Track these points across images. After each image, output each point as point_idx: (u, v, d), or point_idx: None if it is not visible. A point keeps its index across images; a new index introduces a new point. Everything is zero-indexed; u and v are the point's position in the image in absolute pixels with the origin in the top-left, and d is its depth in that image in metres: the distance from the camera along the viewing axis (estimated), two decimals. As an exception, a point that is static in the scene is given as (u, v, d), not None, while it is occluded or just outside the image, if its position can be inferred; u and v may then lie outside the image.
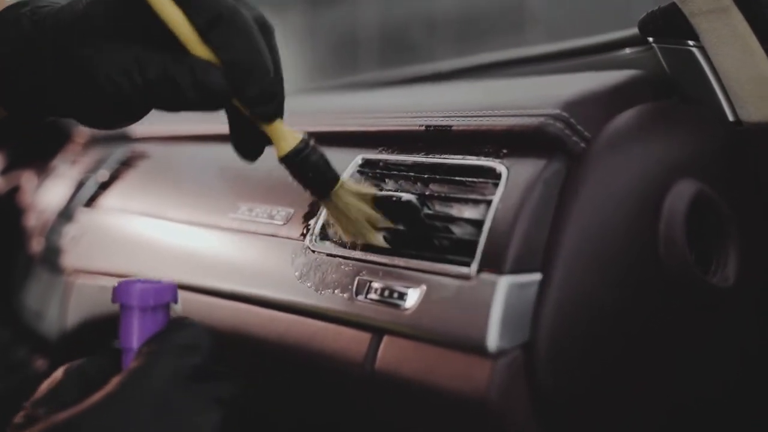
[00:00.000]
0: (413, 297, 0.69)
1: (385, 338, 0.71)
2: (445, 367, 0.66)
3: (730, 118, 0.80)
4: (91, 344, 1.10)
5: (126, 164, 1.20)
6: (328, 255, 0.78)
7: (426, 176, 0.77)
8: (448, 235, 0.72)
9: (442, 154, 0.78)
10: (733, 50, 0.78)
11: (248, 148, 0.67)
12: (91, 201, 1.20)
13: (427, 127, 0.79)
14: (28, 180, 1.50)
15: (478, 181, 0.73)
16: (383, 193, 0.76)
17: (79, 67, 0.61)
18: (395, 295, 0.71)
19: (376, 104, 1.03)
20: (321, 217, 0.81)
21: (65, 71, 0.62)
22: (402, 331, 0.70)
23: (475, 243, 0.68)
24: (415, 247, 0.73)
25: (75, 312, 1.12)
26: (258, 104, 0.62)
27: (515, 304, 0.65)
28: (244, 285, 0.84)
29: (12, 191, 1.51)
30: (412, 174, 0.78)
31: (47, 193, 1.38)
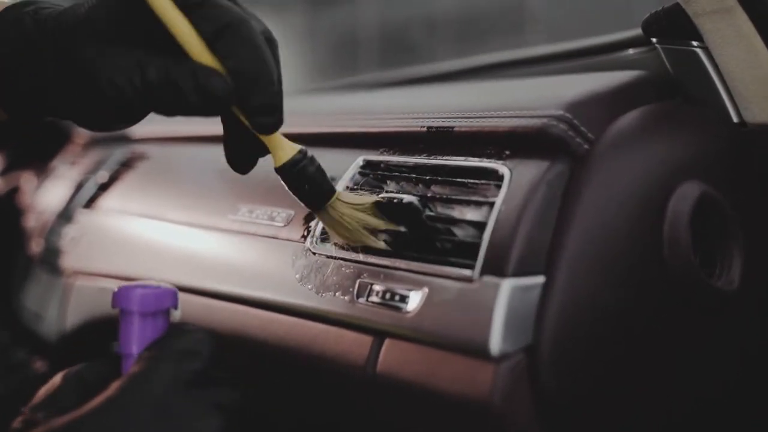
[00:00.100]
0: (415, 300, 0.69)
1: (387, 341, 0.71)
2: (447, 371, 0.66)
3: (735, 119, 0.80)
4: (91, 346, 1.10)
5: (126, 165, 1.20)
6: (329, 257, 0.77)
7: (428, 178, 0.77)
8: (450, 237, 0.71)
9: (443, 155, 0.77)
10: (738, 51, 0.77)
11: (241, 160, 0.67)
12: (90, 202, 1.20)
13: (429, 128, 0.79)
14: (27, 181, 1.50)
15: (481, 182, 0.73)
16: (385, 195, 0.75)
17: (81, 69, 0.61)
18: (397, 297, 0.70)
19: (377, 105, 1.02)
20: (322, 219, 0.80)
21: (66, 73, 0.62)
22: (404, 334, 0.69)
23: (478, 245, 0.68)
24: (417, 250, 0.72)
25: (74, 313, 1.12)
26: (260, 114, 0.62)
27: (518, 307, 0.65)
28: (244, 287, 0.84)
29: (11, 192, 1.50)
30: (413, 175, 0.78)
31: (47, 194, 1.38)
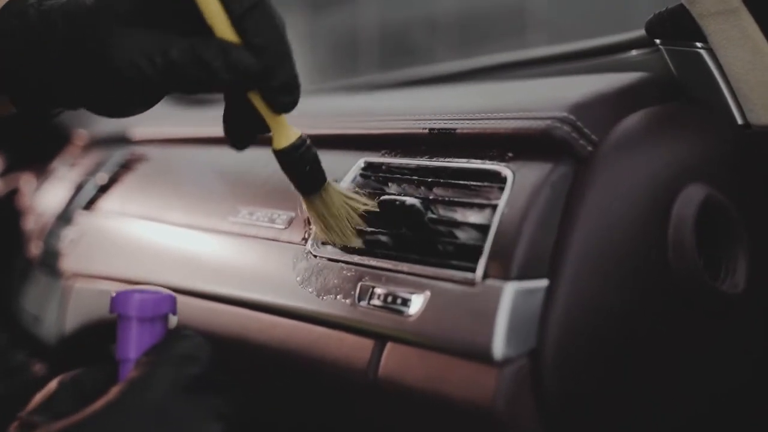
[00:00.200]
0: (417, 303, 0.69)
1: (389, 345, 0.70)
2: (449, 375, 0.65)
3: (739, 121, 0.80)
4: (90, 349, 1.09)
5: (125, 167, 1.20)
6: (330, 260, 0.77)
7: (430, 180, 0.76)
8: (452, 240, 0.71)
9: (446, 157, 0.77)
10: (743, 52, 0.77)
11: (241, 137, 0.68)
12: (90, 204, 1.20)
13: (431, 130, 0.79)
14: (27, 182, 1.50)
15: (483, 185, 0.72)
16: (386, 197, 0.75)
17: (96, 54, 0.61)
18: (398, 301, 0.70)
19: (378, 107, 1.02)
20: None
21: (78, 61, 0.62)
22: (405, 338, 0.69)
23: (480, 248, 0.68)
24: (419, 252, 0.72)
25: (73, 316, 1.12)
26: (282, 92, 0.63)
27: (522, 310, 0.64)
28: (244, 290, 0.83)
29: (11, 193, 1.50)
30: (415, 178, 0.77)
31: (46, 196, 1.38)
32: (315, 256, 0.78)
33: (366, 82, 1.30)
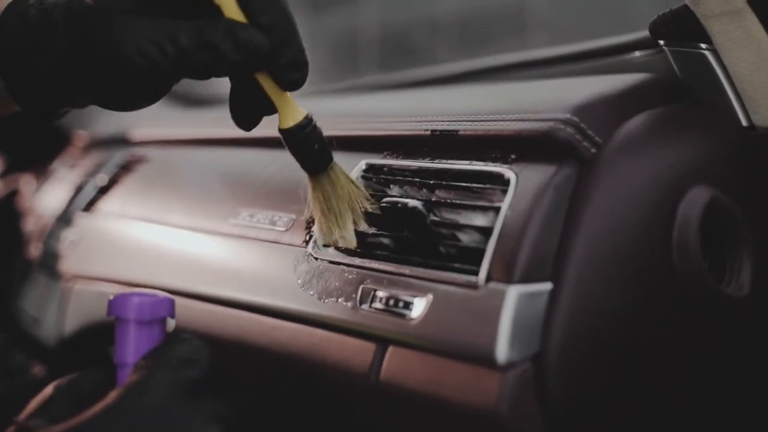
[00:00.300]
0: (419, 306, 0.68)
1: (390, 348, 0.70)
2: (452, 380, 0.65)
3: (744, 122, 0.79)
4: (90, 351, 1.09)
5: (125, 168, 1.20)
6: (331, 262, 0.76)
7: (432, 182, 0.76)
8: (455, 242, 0.70)
9: (448, 159, 0.76)
10: (747, 53, 0.76)
11: (247, 118, 0.67)
12: (90, 205, 1.20)
13: (433, 131, 0.78)
14: (26, 183, 1.50)
15: (486, 187, 0.72)
16: (389, 198, 0.74)
17: (102, 45, 0.60)
18: (401, 304, 0.69)
19: (379, 108, 1.02)
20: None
21: (83, 55, 0.61)
22: (408, 342, 0.68)
23: (483, 251, 0.67)
24: (421, 255, 0.71)
25: (73, 318, 1.12)
26: (291, 70, 0.63)
27: (525, 314, 0.64)
28: (244, 292, 0.83)
29: (10, 195, 1.50)
30: (417, 180, 0.77)
31: (46, 197, 1.38)
32: (316, 258, 0.78)
33: (367, 83, 1.30)
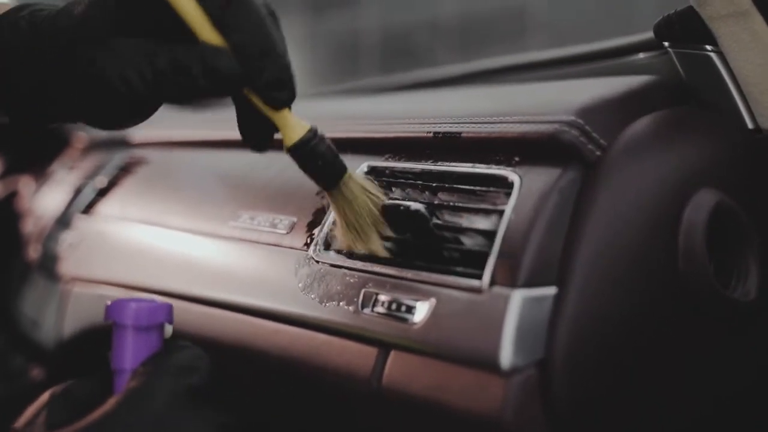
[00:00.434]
0: (422, 311, 0.67)
1: (393, 353, 0.69)
2: (455, 385, 0.64)
3: (749, 125, 0.79)
4: (89, 354, 1.08)
5: (125, 170, 1.19)
6: (333, 266, 0.76)
7: (434, 185, 0.75)
8: (458, 246, 0.70)
9: (451, 161, 0.76)
10: (753, 55, 0.76)
11: (256, 139, 0.66)
12: (89, 208, 1.19)
13: (436, 133, 0.77)
14: (25, 185, 1.49)
15: (489, 190, 0.71)
16: (391, 201, 0.74)
17: (87, 68, 0.60)
18: (403, 308, 0.69)
19: (381, 110, 1.01)
20: (325, 226, 0.79)
21: (71, 74, 0.61)
22: (410, 346, 0.68)
23: (487, 255, 0.66)
24: (424, 259, 0.71)
25: (72, 321, 1.11)
26: (272, 89, 0.61)
27: (529, 318, 0.63)
28: (245, 296, 0.82)
29: (9, 197, 1.50)
30: (420, 182, 0.76)
31: (45, 199, 1.37)
32: (317, 261, 0.77)
33: (369, 85, 1.29)
